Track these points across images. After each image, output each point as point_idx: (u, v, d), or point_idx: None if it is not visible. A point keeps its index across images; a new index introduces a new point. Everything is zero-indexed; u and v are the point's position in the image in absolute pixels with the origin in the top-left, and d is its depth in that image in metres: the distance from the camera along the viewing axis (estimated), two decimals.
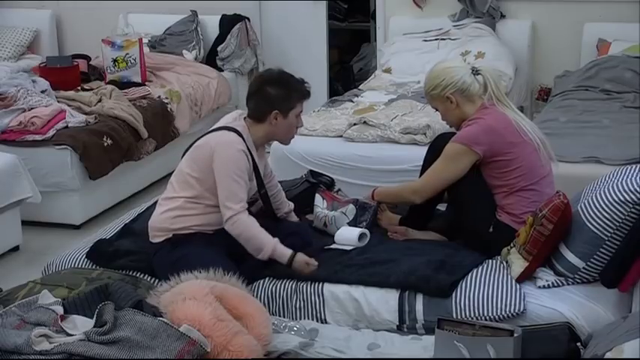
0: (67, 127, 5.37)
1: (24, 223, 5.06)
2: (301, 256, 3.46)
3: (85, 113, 5.59)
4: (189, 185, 3.51)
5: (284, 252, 3.46)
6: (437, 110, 3.75)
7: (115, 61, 6.35)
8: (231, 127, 3.52)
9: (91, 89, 6.04)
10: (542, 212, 3.22)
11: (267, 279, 3.48)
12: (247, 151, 3.48)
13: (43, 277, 3.32)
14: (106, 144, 5.36)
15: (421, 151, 4.00)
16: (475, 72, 3.64)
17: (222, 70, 6.94)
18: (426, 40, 6.52)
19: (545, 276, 3.31)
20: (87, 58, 6.73)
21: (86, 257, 3.71)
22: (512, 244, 3.42)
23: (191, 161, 3.53)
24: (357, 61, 8.28)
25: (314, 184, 4.07)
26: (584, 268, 3.24)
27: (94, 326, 2.66)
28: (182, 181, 3.54)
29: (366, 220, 3.81)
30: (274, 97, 3.50)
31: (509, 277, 3.33)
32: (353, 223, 3.79)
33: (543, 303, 3.20)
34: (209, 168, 3.45)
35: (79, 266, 3.66)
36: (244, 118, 3.58)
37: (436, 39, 6.51)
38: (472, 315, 3.22)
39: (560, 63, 6.36)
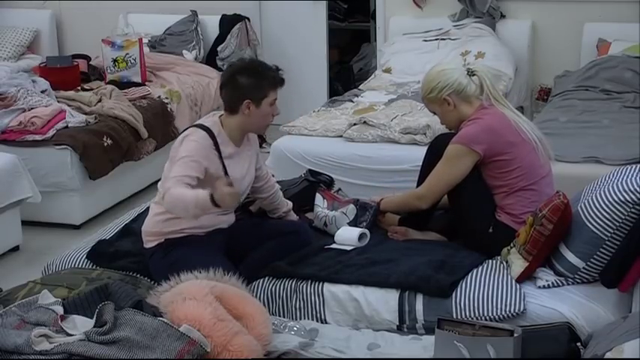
0: (67, 127, 5.37)
1: (24, 223, 5.06)
2: (220, 189, 3.22)
3: (85, 113, 5.59)
4: None
5: (204, 196, 3.23)
6: (435, 114, 3.76)
7: (115, 61, 6.35)
8: (199, 123, 3.52)
9: (91, 89, 6.04)
10: (542, 212, 3.22)
11: (266, 279, 3.48)
12: (211, 144, 3.44)
13: (43, 277, 3.32)
14: (106, 144, 5.36)
15: (421, 151, 3.99)
16: (470, 73, 3.64)
17: (222, 70, 6.93)
18: (426, 40, 6.52)
19: (545, 276, 3.31)
20: (87, 58, 6.74)
21: (86, 257, 3.71)
22: (512, 244, 3.42)
23: (170, 162, 3.52)
24: (357, 61, 8.27)
25: (313, 183, 4.07)
26: (584, 268, 3.24)
27: (94, 326, 2.66)
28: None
29: (366, 220, 3.81)
30: (245, 86, 3.45)
31: (509, 277, 3.33)
32: (353, 223, 3.79)
33: (543, 303, 3.20)
34: None
35: (79, 266, 3.67)
36: (221, 115, 3.56)
37: (436, 39, 6.51)
38: (472, 315, 3.22)
39: (560, 63, 6.36)
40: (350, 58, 8.36)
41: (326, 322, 3.35)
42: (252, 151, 3.66)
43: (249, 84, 3.45)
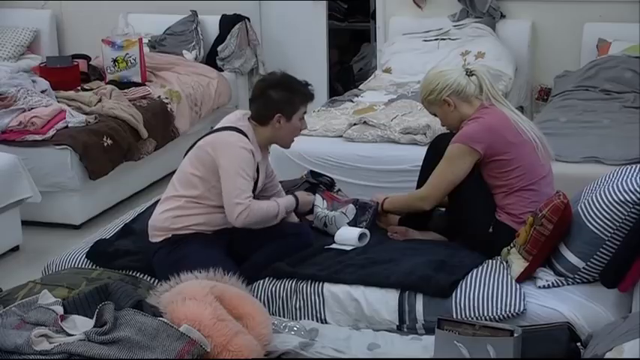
0: (67, 127, 5.37)
1: (24, 223, 5.06)
2: (302, 196, 3.76)
3: (85, 113, 5.59)
4: (192, 185, 3.50)
5: (289, 202, 3.67)
6: (435, 116, 3.76)
7: (115, 61, 6.36)
8: (236, 127, 3.53)
9: (91, 89, 6.04)
10: (542, 212, 3.22)
11: (267, 279, 3.48)
12: (252, 149, 3.48)
13: (43, 277, 3.32)
14: (106, 144, 5.36)
15: (421, 151, 4.00)
16: (469, 73, 3.65)
17: (222, 70, 6.94)
18: (426, 40, 6.53)
19: (545, 276, 3.31)
20: (87, 58, 6.74)
21: (86, 257, 3.70)
22: (512, 244, 3.42)
23: (195, 160, 3.52)
24: (357, 61, 8.28)
25: (314, 185, 4.07)
26: (584, 268, 3.24)
27: (94, 326, 2.66)
28: (185, 181, 3.54)
29: (366, 220, 3.80)
30: (278, 100, 3.51)
31: (509, 277, 3.33)
32: (353, 223, 3.79)
33: (543, 303, 3.20)
34: (212, 168, 3.45)
35: (79, 266, 3.66)
36: (248, 119, 3.59)
37: (436, 39, 6.52)
38: (472, 315, 3.22)
39: (560, 63, 6.36)
40: (350, 58, 8.37)
41: (326, 322, 3.35)
42: (267, 158, 3.73)
43: (282, 98, 3.51)
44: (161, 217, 3.56)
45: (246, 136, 3.49)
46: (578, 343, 2.81)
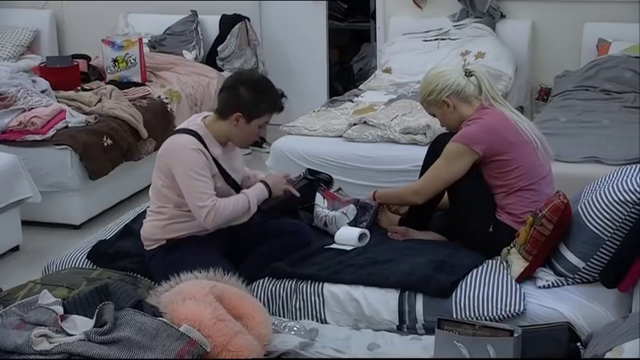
0: (67, 127, 5.37)
1: (24, 223, 5.06)
2: (272, 178, 3.62)
3: (85, 113, 5.60)
4: (165, 197, 3.47)
5: (259, 190, 3.53)
6: (434, 116, 3.76)
7: (115, 61, 6.36)
8: (186, 128, 3.48)
9: (91, 89, 6.04)
10: (542, 212, 3.22)
11: (267, 279, 3.48)
12: (205, 149, 3.42)
13: (43, 277, 3.33)
14: (106, 144, 5.36)
15: (421, 151, 4.00)
16: (468, 73, 3.65)
17: (222, 70, 6.94)
18: (426, 40, 6.53)
19: (545, 276, 3.31)
20: (87, 58, 6.74)
21: (87, 258, 3.70)
22: (512, 244, 3.42)
23: (158, 171, 3.50)
24: (357, 61, 8.28)
25: (312, 181, 4.07)
26: (584, 268, 3.24)
27: (94, 326, 2.66)
28: (158, 194, 3.51)
29: (366, 220, 3.81)
30: (244, 99, 3.42)
31: (509, 277, 3.33)
32: (353, 223, 3.79)
33: (543, 303, 3.20)
34: (172, 175, 3.41)
35: (79, 266, 3.66)
36: (205, 117, 3.53)
37: (436, 39, 6.52)
38: (472, 315, 3.22)
39: (560, 63, 6.36)
40: (350, 58, 8.37)
41: (326, 322, 3.35)
42: (234, 150, 3.64)
43: (249, 98, 3.42)
44: (150, 229, 3.54)
45: (196, 135, 3.43)
46: (578, 343, 2.82)
